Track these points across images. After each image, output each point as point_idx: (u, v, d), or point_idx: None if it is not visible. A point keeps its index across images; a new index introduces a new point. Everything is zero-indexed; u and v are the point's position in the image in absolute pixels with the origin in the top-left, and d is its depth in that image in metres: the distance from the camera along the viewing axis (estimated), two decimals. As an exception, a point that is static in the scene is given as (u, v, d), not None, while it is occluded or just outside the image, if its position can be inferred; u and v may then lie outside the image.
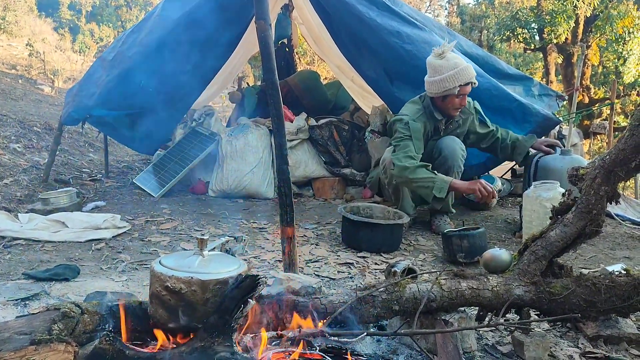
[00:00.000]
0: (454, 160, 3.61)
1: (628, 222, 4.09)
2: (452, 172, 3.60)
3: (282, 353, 1.57)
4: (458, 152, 3.63)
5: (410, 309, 1.82)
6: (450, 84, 3.46)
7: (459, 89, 3.49)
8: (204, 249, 1.69)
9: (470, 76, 3.49)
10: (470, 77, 3.49)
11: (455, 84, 3.46)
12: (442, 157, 3.63)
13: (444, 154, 3.63)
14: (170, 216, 3.92)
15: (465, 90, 3.53)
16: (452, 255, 3.07)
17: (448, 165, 3.61)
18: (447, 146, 3.64)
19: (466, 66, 3.49)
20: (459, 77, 3.45)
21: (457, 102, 3.57)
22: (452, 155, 3.61)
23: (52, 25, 19.38)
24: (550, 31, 12.64)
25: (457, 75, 3.45)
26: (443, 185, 3.37)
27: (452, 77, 3.46)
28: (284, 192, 2.37)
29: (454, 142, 3.66)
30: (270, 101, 2.31)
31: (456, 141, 3.67)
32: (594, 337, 2.05)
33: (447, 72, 3.46)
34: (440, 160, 3.64)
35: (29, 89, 9.54)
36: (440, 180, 3.38)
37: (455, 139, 3.69)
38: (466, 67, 3.48)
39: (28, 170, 5.01)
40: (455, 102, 3.57)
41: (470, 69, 3.51)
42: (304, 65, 11.51)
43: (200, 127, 5.07)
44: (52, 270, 2.60)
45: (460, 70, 3.45)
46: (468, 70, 3.48)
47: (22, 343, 1.40)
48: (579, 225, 1.86)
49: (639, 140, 1.71)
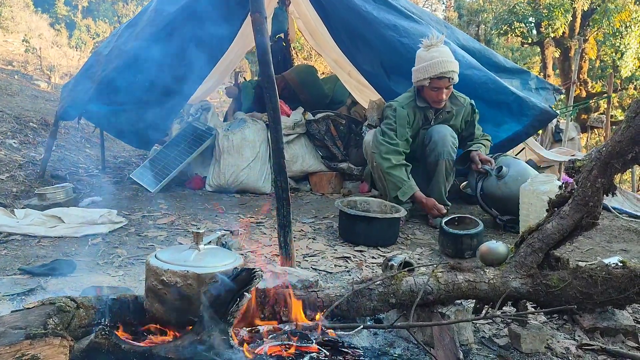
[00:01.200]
0: (443, 146, 3.63)
1: (625, 214, 4.10)
2: (442, 158, 3.63)
3: (278, 346, 1.56)
4: (448, 139, 3.64)
5: (407, 302, 1.81)
6: (421, 75, 3.52)
7: (430, 82, 3.51)
8: (199, 243, 1.69)
9: (442, 69, 3.45)
10: (440, 70, 3.45)
11: (425, 75, 3.50)
12: (432, 142, 3.67)
13: (434, 139, 3.67)
14: (167, 211, 3.91)
15: (439, 84, 3.53)
16: (460, 252, 3.04)
17: (438, 151, 3.64)
18: (437, 132, 3.68)
19: (442, 60, 3.45)
20: (430, 69, 3.47)
21: (433, 95, 3.60)
22: (441, 141, 3.64)
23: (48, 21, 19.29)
24: (548, 25, 12.65)
25: (427, 68, 3.47)
26: (408, 191, 3.58)
27: (423, 68, 3.50)
28: (280, 185, 2.37)
29: (444, 129, 3.68)
30: (267, 94, 2.30)
31: (447, 128, 3.70)
32: (591, 329, 2.06)
33: (420, 64, 3.49)
34: (431, 146, 3.68)
35: (25, 85, 9.50)
36: (408, 187, 3.58)
37: (446, 126, 3.71)
38: (441, 61, 3.45)
39: (24, 165, 4.99)
40: (431, 95, 3.60)
41: (447, 64, 3.46)
42: (301, 60, 11.50)
43: (197, 122, 5.06)
44: (48, 265, 2.59)
45: (433, 63, 3.45)
46: (442, 64, 3.45)
47: (17, 337, 1.39)
48: (576, 217, 1.86)
49: (636, 131, 1.70)
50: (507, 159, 3.79)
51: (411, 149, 3.77)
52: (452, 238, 3.08)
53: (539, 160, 5.13)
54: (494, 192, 3.62)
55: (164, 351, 1.49)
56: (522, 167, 3.66)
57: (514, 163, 3.72)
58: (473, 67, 4.08)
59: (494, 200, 3.65)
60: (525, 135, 4.32)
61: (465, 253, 3.03)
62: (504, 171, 3.58)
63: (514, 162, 3.77)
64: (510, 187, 3.52)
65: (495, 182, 3.60)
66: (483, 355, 1.88)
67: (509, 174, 3.57)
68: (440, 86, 3.54)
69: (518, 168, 3.63)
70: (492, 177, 3.62)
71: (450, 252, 3.08)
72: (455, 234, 3.07)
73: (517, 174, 3.56)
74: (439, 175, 3.69)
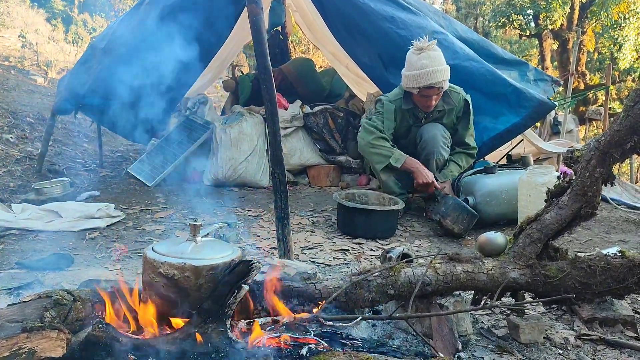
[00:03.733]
0: (434, 146, 3.61)
1: (623, 206, 4.10)
2: (432, 157, 3.61)
3: (276, 338, 1.56)
4: (438, 139, 3.62)
5: (405, 293, 1.81)
6: (410, 83, 3.48)
7: (419, 91, 3.48)
8: (197, 235, 1.68)
9: (431, 81, 3.40)
10: (429, 82, 3.40)
11: (414, 84, 3.46)
12: (422, 141, 3.66)
13: (424, 138, 3.65)
14: (165, 205, 3.90)
15: (429, 93, 3.49)
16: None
17: (428, 150, 3.62)
18: (427, 132, 3.66)
19: (431, 70, 3.38)
20: (418, 80, 3.43)
21: (422, 102, 3.57)
22: (432, 140, 3.62)
23: (44, 16, 19.17)
24: (546, 17, 12.62)
25: (417, 77, 3.43)
26: (400, 157, 3.56)
27: (412, 77, 3.45)
28: (278, 178, 2.36)
29: (434, 128, 3.66)
30: (263, 86, 2.28)
31: (438, 127, 3.67)
32: (589, 319, 2.06)
33: (410, 71, 3.45)
34: (422, 145, 3.66)
35: (21, 80, 9.44)
36: (399, 153, 3.56)
37: (437, 124, 3.68)
38: (431, 72, 3.38)
39: (21, 160, 4.97)
40: (420, 101, 3.58)
41: (436, 74, 3.40)
42: (299, 54, 11.45)
43: (194, 116, 5.04)
44: (45, 260, 2.59)
45: (423, 73, 3.39)
46: (431, 75, 3.39)
47: (13, 331, 1.39)
48: (574, 207, 1.85)
49: (634, 121, 1.69)
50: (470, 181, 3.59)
51: (403, 147, 3.74)
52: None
53: (536, 153, 5.11)
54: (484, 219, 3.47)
55: (162, 344, 1.48)
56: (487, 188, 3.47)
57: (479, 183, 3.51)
58: (471, 59, 4.05)
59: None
60: (524, 127, 4.30)
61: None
62: (470, 204, 3.43)
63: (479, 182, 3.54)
64: (486, 209, 3.43)
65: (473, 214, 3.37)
66: (482, 346, 1.88)
67: (477, 201, 3.45)
68: (430, 94, 3.51)
69: (483, 190, 3.46)
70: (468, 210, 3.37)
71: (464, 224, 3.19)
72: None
73: (485, 195, 3.44)
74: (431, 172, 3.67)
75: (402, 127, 3.72)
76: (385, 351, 1.72)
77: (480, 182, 3.53)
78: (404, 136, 3.76)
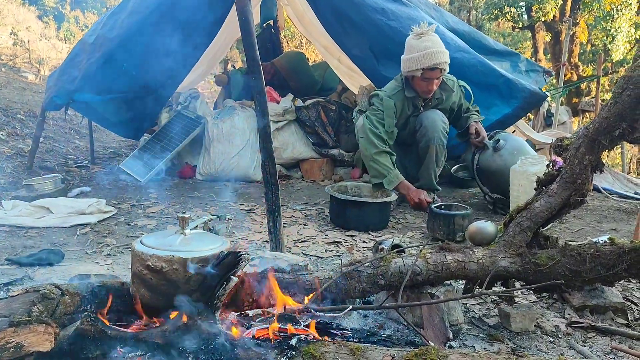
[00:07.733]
0: (434, 132, 3.62)
1: (615, 195, 4.11)
2: (432, 143, 3.62)
3: (265, 329, 1.55)
4: (438, 124, 3.63)
5: (396, 283, 1.80)
6: (414, 66, 3.46)
7: (423, 72, 3.46)
8: (185, 228, 1.67)
9: (435, 61, 3.40)
10: (433, 62, 3.40)
11: (418, 66, 3.44)
12: (422, 127, 3.65)
13: (424, 124, 3.66)
14: (157, 200, 3.89)
15: (431, 75, 3.49)
16: (452, 234, 2.99)
17: (428, 136, 3.63)
18: (427, 117, 3.66)
19: (435, 51, 3.40)
20: (423, 60, 3.42)
21: (423, 86, 3.56)
22: (432, 126, 3.62)
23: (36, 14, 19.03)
24: (539, 9, 12.61)
25: (421, 58, 3.42)
26: (395, 180, 3.53)
27: (416, 59, 3.43)
28: (268, 170, 2.35)
29: (434, 114, 3.66)
30: (252, 77, 2.27)
31: (437, 113, 3.67)
32: (580, 307, 2.06)
33: (413, 54, 3.44)
34: (422, 131, 3.66)
35: (12, 77, 9.39)
36: (394, 176, 3.54)
37: (436, 111, 3.69)
38: (434, 52, 3.39)
39: (12, 157, 4.94)
40: (421, 85, 3.56)
41: (440, 55, 3.41)
42: (292, 48, 11.41)
43: (186, 110, 5.02)
44: (35, 255, 2.56)
45: (427, 54, 3.39)
46: (435, 55, 3.40)
47: (0, 325, 1.38)
48: (564, 195, 1.85)
49: (623, 108, 1.69)
50: (505, 135, 3.79)
51: (402, 137, 3.75)
52: (443, 219, 3.03)
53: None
54: (489, 166, 3.62)
55: (151, 336, 1.47)
56: (519, 143, 3.68)
57: (511, 138, 3.73)
58: (462, 50, 4.05)
59: (488, 174, 3.64)
60: (515, 118, 4.31)
61: (457, 235, 2.99)
62: (501, 143, 3.59)
63: (512, 137, 3.78)
64: (505, 160, 3.52)
65: (492, 154, 3.61)
66: (473, 335, 1.88)
67: (506, 147, 3.59)
68: (432, 77, 3.50)
69: (515, 143, 3.64)
70: (489, 150, 3.61)
71: (442, 235, 3.01)
72: (447, 214, 3.02)
73: (513, 148, 3.58)
74: (430, 160, 3.68)
75: (400, 119, 3.71)
76: (375, 341, 1.72)
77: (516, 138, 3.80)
78: (403, 127, 3.75)
